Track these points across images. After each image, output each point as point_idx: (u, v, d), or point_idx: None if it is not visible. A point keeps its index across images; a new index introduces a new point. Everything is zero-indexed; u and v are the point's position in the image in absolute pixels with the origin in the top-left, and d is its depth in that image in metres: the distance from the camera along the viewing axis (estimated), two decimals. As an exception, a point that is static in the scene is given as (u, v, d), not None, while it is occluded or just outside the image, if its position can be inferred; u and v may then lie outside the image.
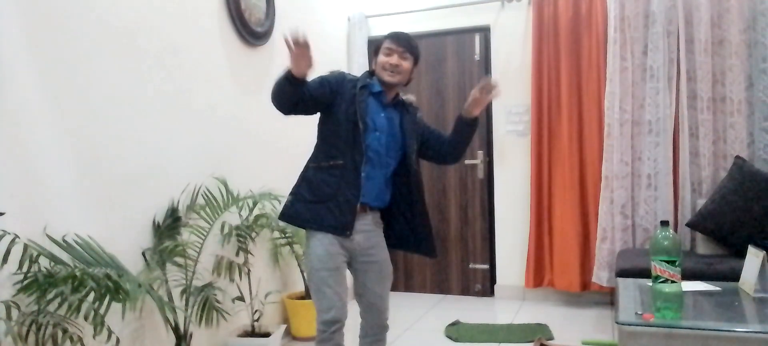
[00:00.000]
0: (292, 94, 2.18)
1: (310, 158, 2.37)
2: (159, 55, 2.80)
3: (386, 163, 2.34)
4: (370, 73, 2.40)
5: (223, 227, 2.95)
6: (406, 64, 2.33)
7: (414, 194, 2.38)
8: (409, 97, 2.46)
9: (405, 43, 2.33)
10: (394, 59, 2.31)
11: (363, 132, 2.25)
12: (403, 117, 2.39)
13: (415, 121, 2.43)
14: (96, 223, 2.42)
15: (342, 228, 2.25)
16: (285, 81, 2.14)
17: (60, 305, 2.04)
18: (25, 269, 2.01)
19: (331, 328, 2.22)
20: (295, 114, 2.28)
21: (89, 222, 2.39)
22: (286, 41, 2.06)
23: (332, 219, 2.24)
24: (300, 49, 2.07)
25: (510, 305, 4.32)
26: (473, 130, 2.40)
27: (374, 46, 2.41)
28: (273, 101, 2.22)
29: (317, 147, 2.36)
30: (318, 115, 2.38)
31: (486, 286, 4.56)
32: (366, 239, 2.33)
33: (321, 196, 2.26)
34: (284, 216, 2.34)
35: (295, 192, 2.33)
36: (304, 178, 2.33)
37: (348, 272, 2.37)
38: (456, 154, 2.47)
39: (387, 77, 2.31)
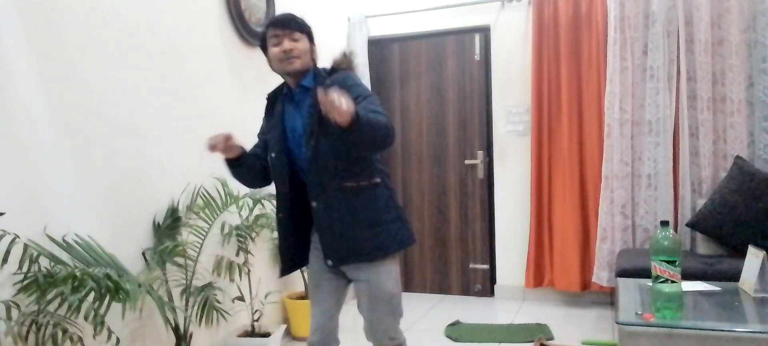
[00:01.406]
0: (243, 175, 2.18)
1: None
2: (159, 55, 2.80)
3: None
4: (279, 87, 2.20)
5: (223, 227, 2.96)
6: (302, 45, 2.04)
7: (306, 186, 2.04)
8: (337, 58, 2.13)
9: (290, 23, 2.04)
10: (286, 44, 2.02)
11: (279, 156, 2.10)
12: (308, 100, 2.05)
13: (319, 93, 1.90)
14: (96, 223, 2.43)
15: (287, 271, 2.20)
16: (229, 169, 2.16)
17: (60, 305, 2.04)
18: (25, 269, 2.02)
19: None
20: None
21: (89, 222, 2.39)
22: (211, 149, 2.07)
23: (284, 265, 2.22)
24: (218, 148, 2.05)
25: (510, 305, 4.32)
26: (354, 134, 1.78)
27: (260, 42, 2.14)
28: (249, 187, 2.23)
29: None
30: None
31: (486, 286, 4.56)
32: None
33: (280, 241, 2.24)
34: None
35: None
36: None
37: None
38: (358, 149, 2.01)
39: (288, 67, 2.03)
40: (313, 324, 2.16)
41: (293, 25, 2.04)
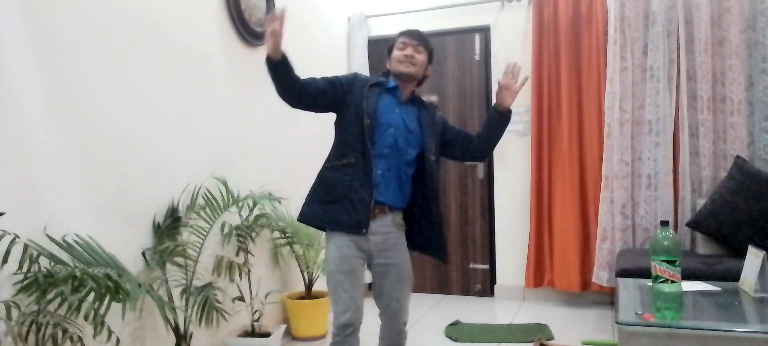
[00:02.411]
0: (279, 79, 2.20)
1: (326, 159, 2.37)
2: (159, 55, 2.80)
3: (403, 161, 2.31)
4: (386, 73, 2.44)
5: (223, 227, 2.95)
6: (421, 57, 2.36)
7: (429, 194, 2.35)
8: (430, 98, 2.49)
9: (418, 37, 2.38)
10: (409, 51, 2.34)
11: (371, 128, 2.26)
12: (421, 114, 2.39)
13: (435, 120, 2.42)
14: (96, 223, 2.42)
15: (357, 226, 2.22)
16: (268, 68, 2.19)
17: (60, 305, 2.04)
18: (25, 269, 2.01)
19: (346, 331, 2.22)
20: (304, 108, 2.32)
21: (89, 222, 2.39)
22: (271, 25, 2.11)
23: (347, 218, 2.23)
24: (271, 26, 2.10)
25: (510, 305, 4.32)
26: (506, 122, 2.41)
27: (387, 48, 2.46)
28: (278, 95, 2.27)
29: (332, 147, 2.36)
30: (333, 116, 2.39)
31: (486, 286, 4.56)
32: (384, 240, 2.30)
33: (336, 195, 2.25)
34: (302, 217, 2.33)
35: (312, 193, 2.33)
36: (321, 179, 2.33)
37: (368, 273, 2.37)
38: (486, 149, 2.46)
39: (403, 68, 2.34)
40: (345, 304, 2.23)
41: (420, 39, 2.39)
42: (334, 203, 2.25)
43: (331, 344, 2.24)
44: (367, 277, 2.36)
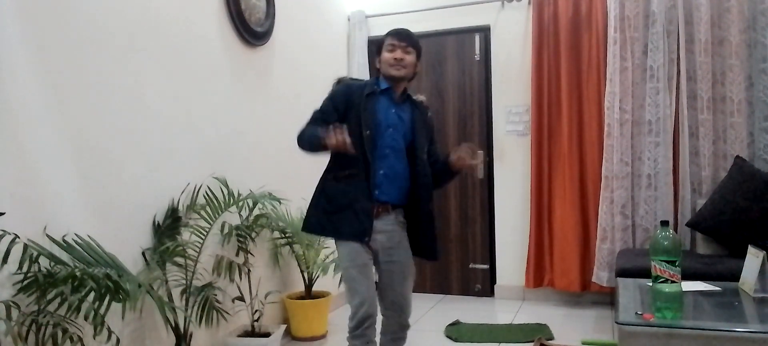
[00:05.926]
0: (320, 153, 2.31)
1: (326, 169, 2.39)
2: (159, 55, 2.80)
3: (401, 160, 2.37)
4: (377, 73, 2.47)
5: (223, 227, 2.96)
6: (410, 58, 2.38)
7: (421, 192, 2.39)
8: (419, 97, 2.52)
9: (406, 38, 2.38)
10: (398, 53, 2.35)
11: (374, 136, 2.31)
12: (414, 113, 2.44)
13: (426, 120, 2.47)
14: (96, 223, 2.43)
15: (361, 234, 2.28)
16: (319, 146, 2.22)
17: (60, 305, 2.04)
18: (25, 269, 2.01)
19: (365, 324, 2.24)
20: None
21: (89, 222, 2.39)
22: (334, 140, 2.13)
23: (351, 228, 2.28)
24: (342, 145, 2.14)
25: (510, 305, 4.32)
26: (452, 179, 2.51)
27: (376, 46, 2.46)
28: (300, 146, 2.35)
29: (333, 158, 2.37)
30: None
31: (486, 286, 4.56)
32: (388, 238, 2.37)
33: (339, 206, 2.31)
34: (307, 227, 2.38)
35: (315, 203, 2.37)
36: (322, 189, 2.37)
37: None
38: (434, 186, 2.48)
39: (393, 72, 2.36)
40: (362, 297, 2.26)
41: (409, 40, 2.38)
42: (338, 212, 2.30)
43: (350, 337, 2.26)
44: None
